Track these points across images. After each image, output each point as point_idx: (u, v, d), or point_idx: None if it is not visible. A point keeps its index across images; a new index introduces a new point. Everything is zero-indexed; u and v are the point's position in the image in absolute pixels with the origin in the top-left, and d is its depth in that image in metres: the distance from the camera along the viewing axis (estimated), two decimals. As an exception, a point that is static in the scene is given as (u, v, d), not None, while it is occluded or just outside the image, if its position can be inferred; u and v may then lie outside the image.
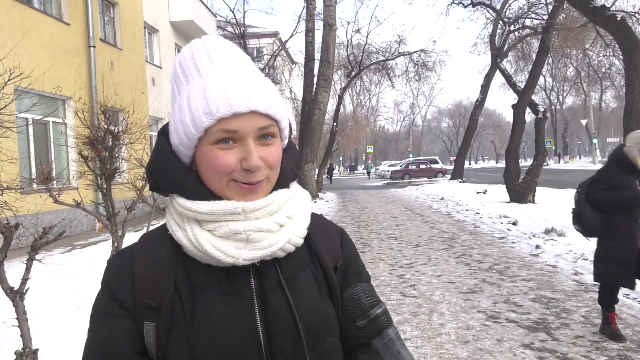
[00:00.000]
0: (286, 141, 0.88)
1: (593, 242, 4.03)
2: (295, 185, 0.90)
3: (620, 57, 9.84)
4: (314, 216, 0.93)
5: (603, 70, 30.85)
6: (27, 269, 2.59)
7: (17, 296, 2.49)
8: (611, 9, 9.34)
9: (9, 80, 2.44)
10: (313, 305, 0.84)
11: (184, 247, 0.80)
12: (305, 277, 0.86)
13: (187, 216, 0.81)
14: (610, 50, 20.85)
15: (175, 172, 0.82)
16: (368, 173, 46.37)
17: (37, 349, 2.57)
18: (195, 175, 0.81)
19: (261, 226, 0.79)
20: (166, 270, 0.80)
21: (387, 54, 27.30)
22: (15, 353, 2.49)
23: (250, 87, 0.78)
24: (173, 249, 0.82)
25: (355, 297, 0.79)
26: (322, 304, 0.86)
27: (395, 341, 0.77)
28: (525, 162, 33.35)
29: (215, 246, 0.78)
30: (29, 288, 2.58)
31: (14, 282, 2.56)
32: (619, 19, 8.90)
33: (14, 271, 2.93)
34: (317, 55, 19.24)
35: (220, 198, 0.80)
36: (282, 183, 0.85)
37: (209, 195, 0.80)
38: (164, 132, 0.86)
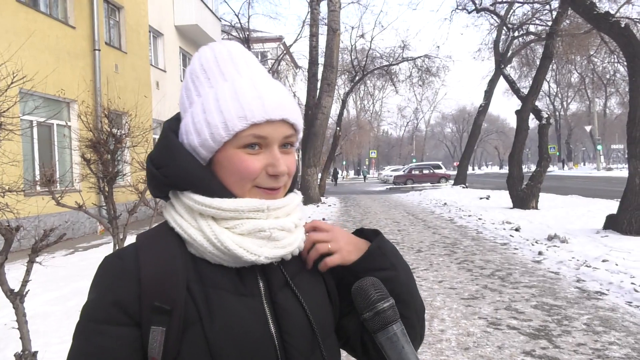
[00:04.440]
0: None
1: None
2: (297, 191, 0.92)
3: (625, 63, 9.81)
4: None
5: (607, 76, 30.71)
6: (28, 272, 2.59)
7: (17, 298, 2.49)
8: (615, 16, 9.31)
9: (11, 83, 2.46)
10: (318, 303, 0.86)
11: (195, 246, 0.78)
12: (306, 277, 0.87)
13: (202, 213, 0.78)
14: (615, 56, 20.77)
15: (193, 169, 0.79)
16: (364, 177, 51.25)
17: (36, 352, 2.57)
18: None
19: (283, 225, 0.81)
20: (178, 270, 0.76)
21: (391, 59, 27.30)
22: (15, 355, 2.49)
23: (282, 96, 0.80)
24: (180, 248, 0.79)
25: (363, 289, 0.79)
26: (325, 302, 0.88)
27: (400, 337, 0.77)
28: (529, 168, 33.25)
29: (237, 243, 0.76)
30: (29, 290, 2.59)
31: (15, 284, 2.57)
32: (623, 25, 8.88)
33: (14, 274, 2.94)
34: (321, 60, 19.31)
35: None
36: (290, 189, 0.88)
37: (229, 194, 0.79)
38: (172, 128, 0.83)
